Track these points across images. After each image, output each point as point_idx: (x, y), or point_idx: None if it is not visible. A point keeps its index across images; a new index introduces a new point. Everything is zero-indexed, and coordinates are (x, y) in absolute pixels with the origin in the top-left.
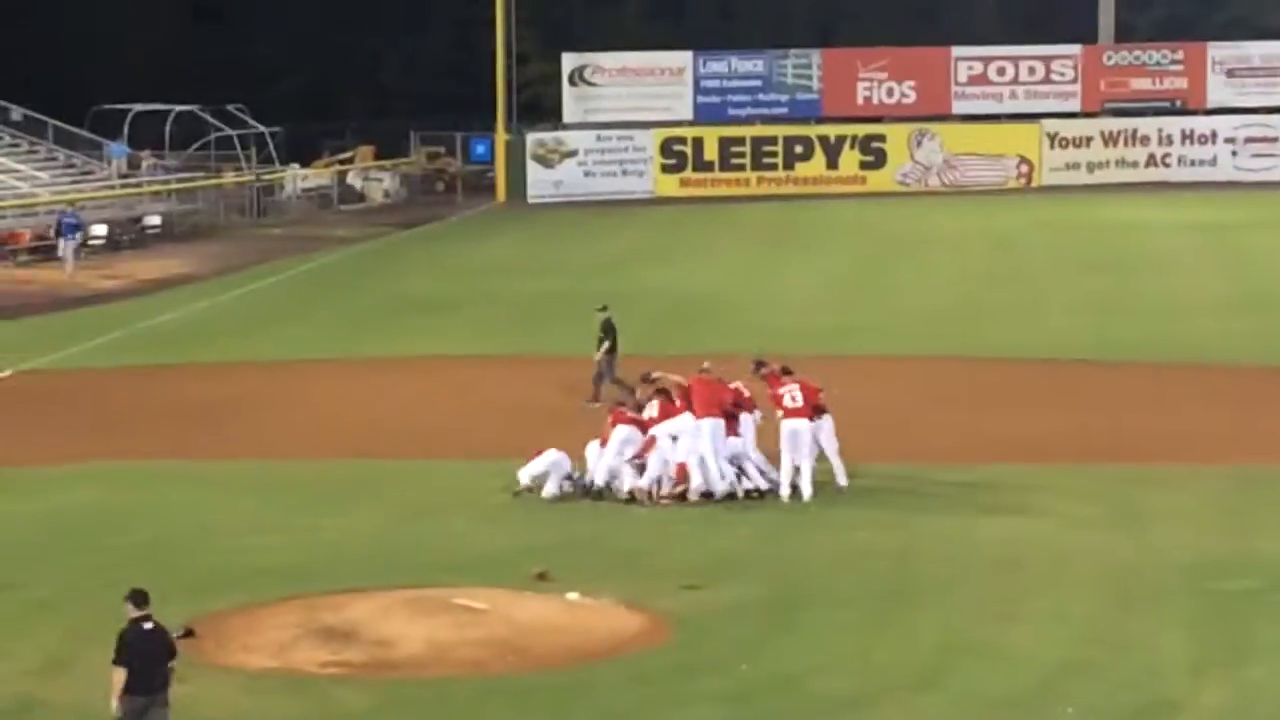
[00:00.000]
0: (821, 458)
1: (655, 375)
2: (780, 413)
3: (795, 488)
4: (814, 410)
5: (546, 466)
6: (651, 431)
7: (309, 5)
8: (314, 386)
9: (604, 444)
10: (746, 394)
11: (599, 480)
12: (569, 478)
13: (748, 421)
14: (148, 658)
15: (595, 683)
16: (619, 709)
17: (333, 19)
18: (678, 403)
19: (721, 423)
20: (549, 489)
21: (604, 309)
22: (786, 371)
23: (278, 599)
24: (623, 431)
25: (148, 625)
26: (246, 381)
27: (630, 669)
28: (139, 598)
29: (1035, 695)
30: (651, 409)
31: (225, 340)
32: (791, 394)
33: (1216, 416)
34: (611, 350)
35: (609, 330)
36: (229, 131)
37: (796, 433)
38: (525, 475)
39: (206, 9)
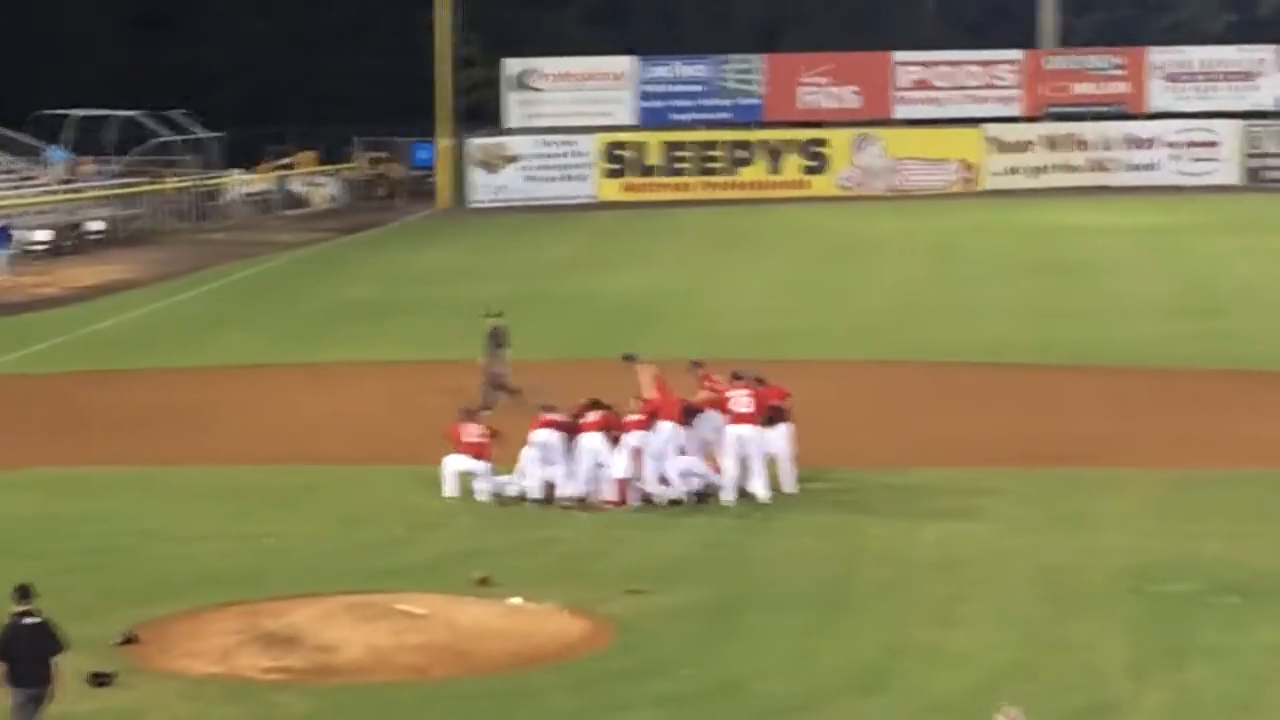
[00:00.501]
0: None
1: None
2: (727, 417)
3: (744, 492)
4: (769, 416)
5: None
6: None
7: (251, 11)
8: (256, 392)
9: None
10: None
11: (534, 493)
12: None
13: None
14: (28, 652)
15: (538, 688)
16: (562, 714)
17: (275, 24)
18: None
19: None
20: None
21: (495, 314)
22: (737, 377)
23: (220, 605)
24: (540, 435)
25: (29, 620)
26: (188, 388)
27: (573, 674)
28: (21, 592)
29: (977, 697)
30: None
31: (167, 346)
32: (739, 399)
33: (1157, 420)
34: (503, 355)
35: (499, 336)
36: (171, 137)
37: (742, 439)
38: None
39: (149, 15)
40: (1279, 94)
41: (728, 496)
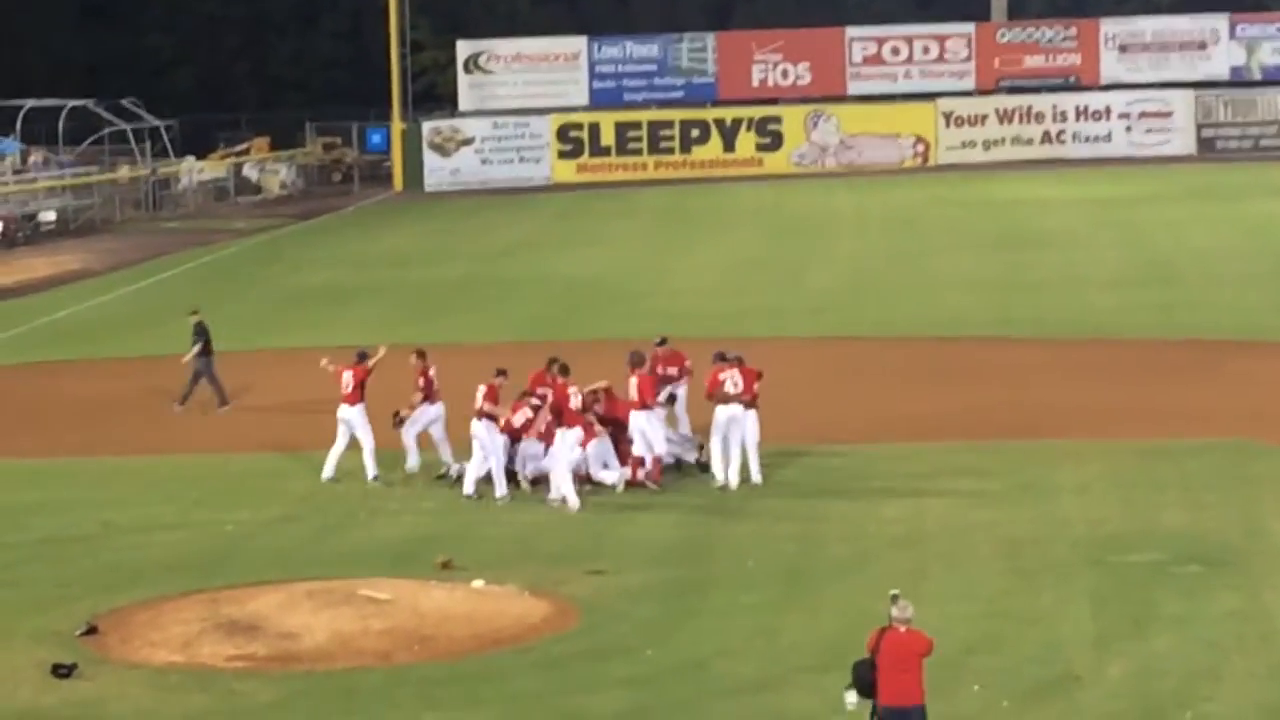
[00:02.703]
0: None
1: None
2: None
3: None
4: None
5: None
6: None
7: None
8: None
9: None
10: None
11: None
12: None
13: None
14: None
15: (502, 670)
16: (527, 696)
17: (226, 10)
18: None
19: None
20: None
21: (195, 312)
22: (721, 357)
23: (181, 594)
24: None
25: None
26: (143, 377)
27: (537, 655)
28: None
29: (942, 672)
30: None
31: (124, 335)
32: (730, 379)
33: (1116, 391)
34: (206, 352)
35: (201, 332)
36: (123, 126)
37: (734, 419)
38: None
39: (98, 3)
40: (1232, 63)
41: (722, 478)
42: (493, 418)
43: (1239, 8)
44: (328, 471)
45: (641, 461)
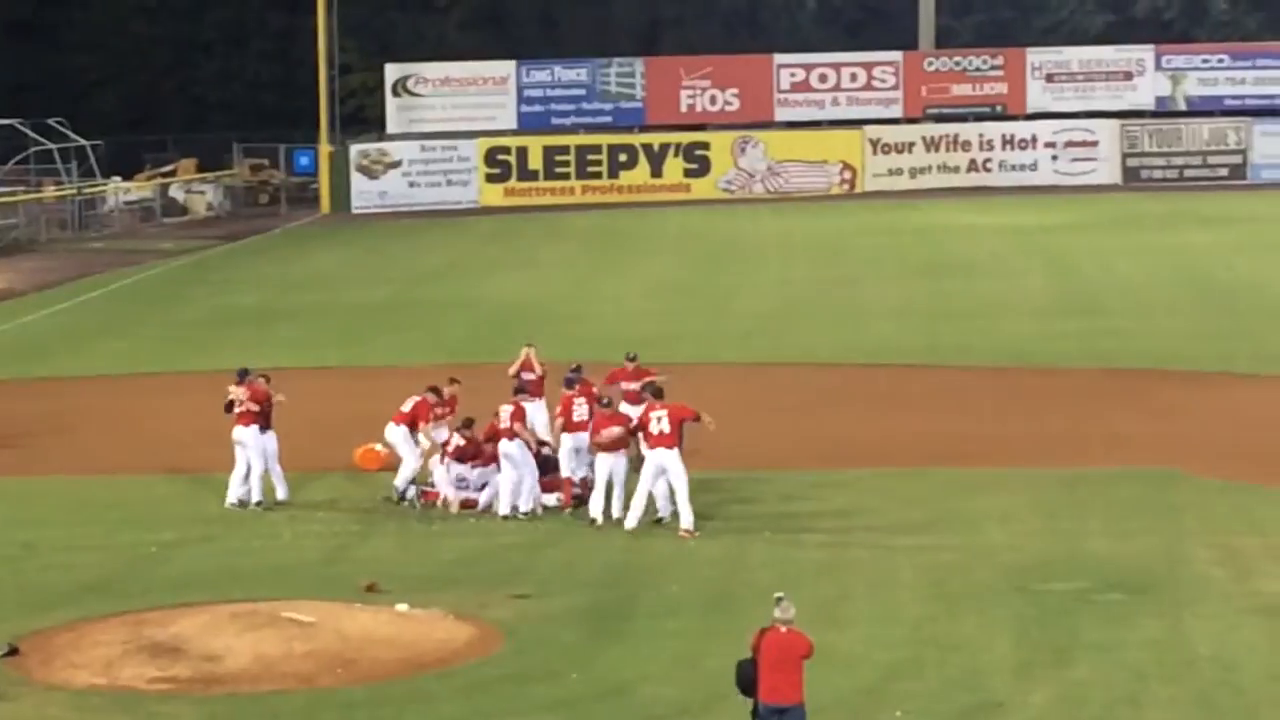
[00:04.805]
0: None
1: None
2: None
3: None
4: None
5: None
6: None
7: (127, 17)
8: (136, 401)
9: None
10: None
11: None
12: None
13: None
14: None
15: (426, 694)
16: (450, 719)
17: (153, 31)
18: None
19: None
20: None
21: None
22: (642, 397)
23: (103, 615)
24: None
25: None
26: (68, 397)
27: (461, 679)
28: None
29: (865, 697)
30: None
31: (47, 356)
32: (657, 419)
33: (1041, 419)
34: None
35: None
36: (49, 145)
37: (663, 465)
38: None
39: (22, 22)
40: (1157, 93)
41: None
42: (523, 437)
43: (1164, 39)
44: (255, 495)
45: (572, 482)
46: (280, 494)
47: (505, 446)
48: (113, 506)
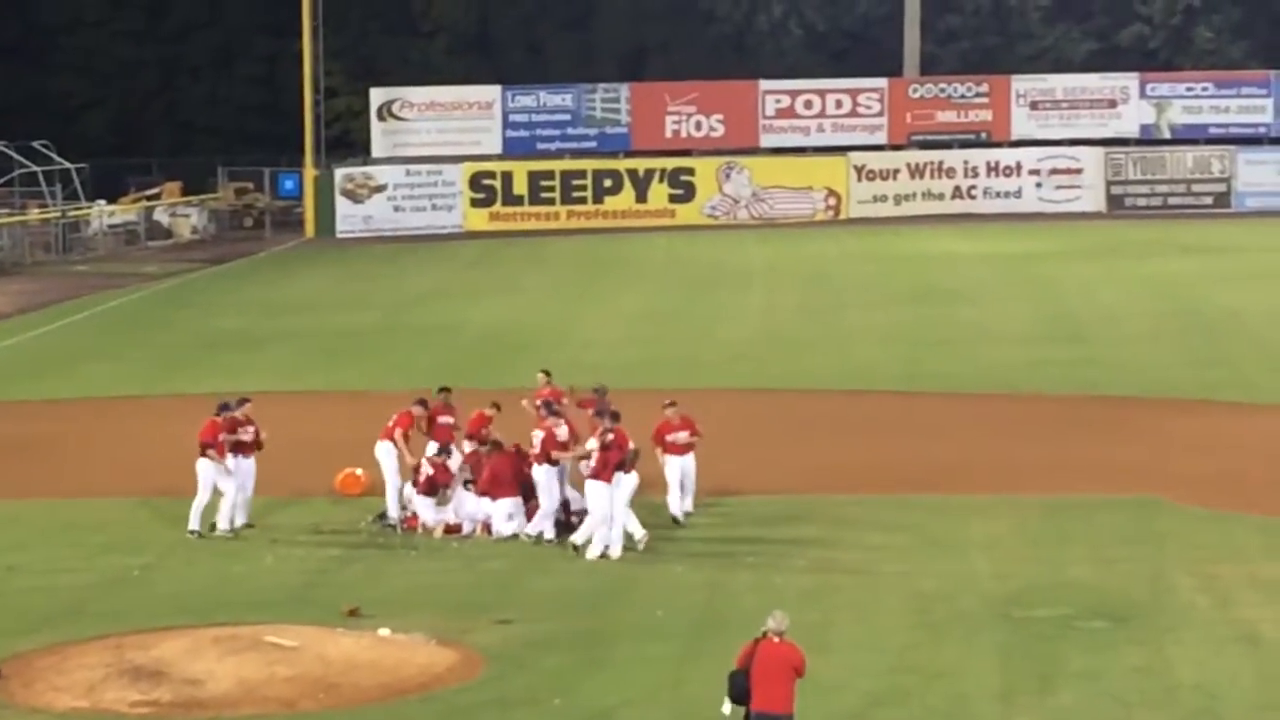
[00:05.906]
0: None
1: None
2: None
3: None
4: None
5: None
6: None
7: (113, 40)
8: (121, 425)
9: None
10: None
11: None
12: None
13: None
14: None
15: (408, 719)
16: None
17: (137, 54)
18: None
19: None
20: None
21: None
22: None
23: (86, 639)
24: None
25: None
26: (53, 420)
27: (443, 704)
28: None
29: None
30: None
31: (31, 378)
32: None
33: (1025, 446)
34: None
35: None
36: (34, 168)
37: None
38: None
39: (7, 45)
40: (1142, 121)
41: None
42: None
43: (1149, 67)
44: (241, 518)
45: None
46: (241, 519)
47: (536, 473)
48: (96, 529)
